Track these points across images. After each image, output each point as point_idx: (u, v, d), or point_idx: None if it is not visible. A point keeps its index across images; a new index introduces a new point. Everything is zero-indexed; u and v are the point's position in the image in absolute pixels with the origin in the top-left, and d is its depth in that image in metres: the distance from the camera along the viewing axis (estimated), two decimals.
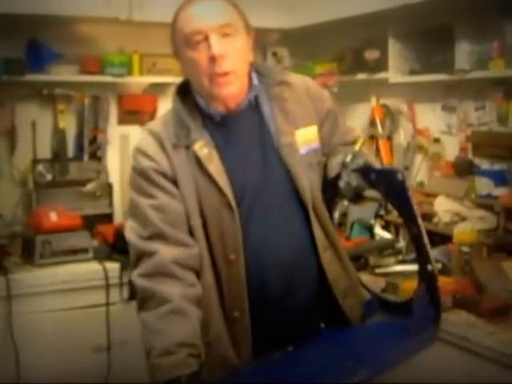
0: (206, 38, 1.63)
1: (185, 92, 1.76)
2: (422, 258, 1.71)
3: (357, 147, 1.74)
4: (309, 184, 1.73)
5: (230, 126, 1.73)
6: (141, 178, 1.69)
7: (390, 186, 1.70)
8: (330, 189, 1.84)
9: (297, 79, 1.83)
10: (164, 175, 1.67)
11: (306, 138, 1.76)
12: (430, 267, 1.68)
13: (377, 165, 1.78)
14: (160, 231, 1.64)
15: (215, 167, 1.66)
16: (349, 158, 1.71)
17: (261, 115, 1.75)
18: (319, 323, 1.77)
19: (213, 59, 1.63)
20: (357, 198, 1.73)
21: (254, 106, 1.76)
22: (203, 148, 1.67)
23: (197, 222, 1.67)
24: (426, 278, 1.70)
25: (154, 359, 1.56)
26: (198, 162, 1.66)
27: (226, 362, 1.68)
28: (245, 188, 1.68)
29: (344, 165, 1.71)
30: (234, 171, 1.68)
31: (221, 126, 1.73)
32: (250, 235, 1.68)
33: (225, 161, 1.68)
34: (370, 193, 1.75)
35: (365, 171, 1.71)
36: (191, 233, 1.67)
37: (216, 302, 1.68)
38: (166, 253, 1.63)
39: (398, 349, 1.66)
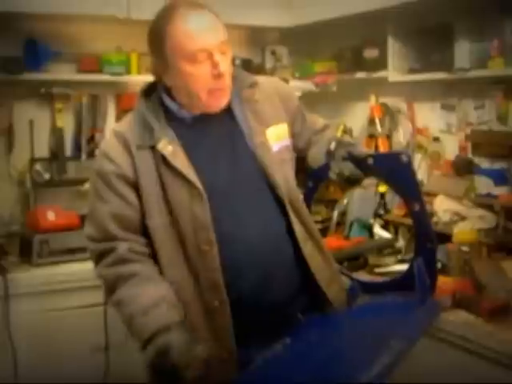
0: (210, 55, 1.67)
1: (149, 91, 1.80)
2: (422, 235, 1.74)
3: (338, 134, 1.76)
4: (284, 179, 1.76)
5: (199, 127, 1.76)
6: (100, 180, 1.73)
7: (391, 169, 1.71)
8: (313, 179, 1.87)
9: (266, 80, 1.90)
10: (124, 178, 1.71)
11: (277, 135, 1.80)
12: (429, 245, 1.69)
13: (371, 150, 1.80)
14: (114, 236, 1.71)
15: (181, 162, 1.69)
16: (333, 146, 1.73)
17: (232, 117, 1.78)
18: (297, 314, 1.78)
19: (218, 76, 1.67)
20: (351, 184, 1.76)
21: (225, 107, 1.77)
22: (168, 146, 1.69)
23: (157, 221, 1.70)
24: (425, 253, 1.71)
25: (139, 319, 1.61)
26: (164, 159, 1.69)
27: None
28: (212, 187, 1.70)
29: (330, 154, 1.72)
30: (200, 170, 1.70)
31: (190, 126, 1.76)
32: (223, 232, 1.69)
33: (192, 159, 1.71)
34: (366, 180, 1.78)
35: (359, 159, 1.71)
36: (149, 233, 1.71)
37: (194, 294, 1.69)
38: (122, 246, 1.70)
39: (413, 319, 1.65)
